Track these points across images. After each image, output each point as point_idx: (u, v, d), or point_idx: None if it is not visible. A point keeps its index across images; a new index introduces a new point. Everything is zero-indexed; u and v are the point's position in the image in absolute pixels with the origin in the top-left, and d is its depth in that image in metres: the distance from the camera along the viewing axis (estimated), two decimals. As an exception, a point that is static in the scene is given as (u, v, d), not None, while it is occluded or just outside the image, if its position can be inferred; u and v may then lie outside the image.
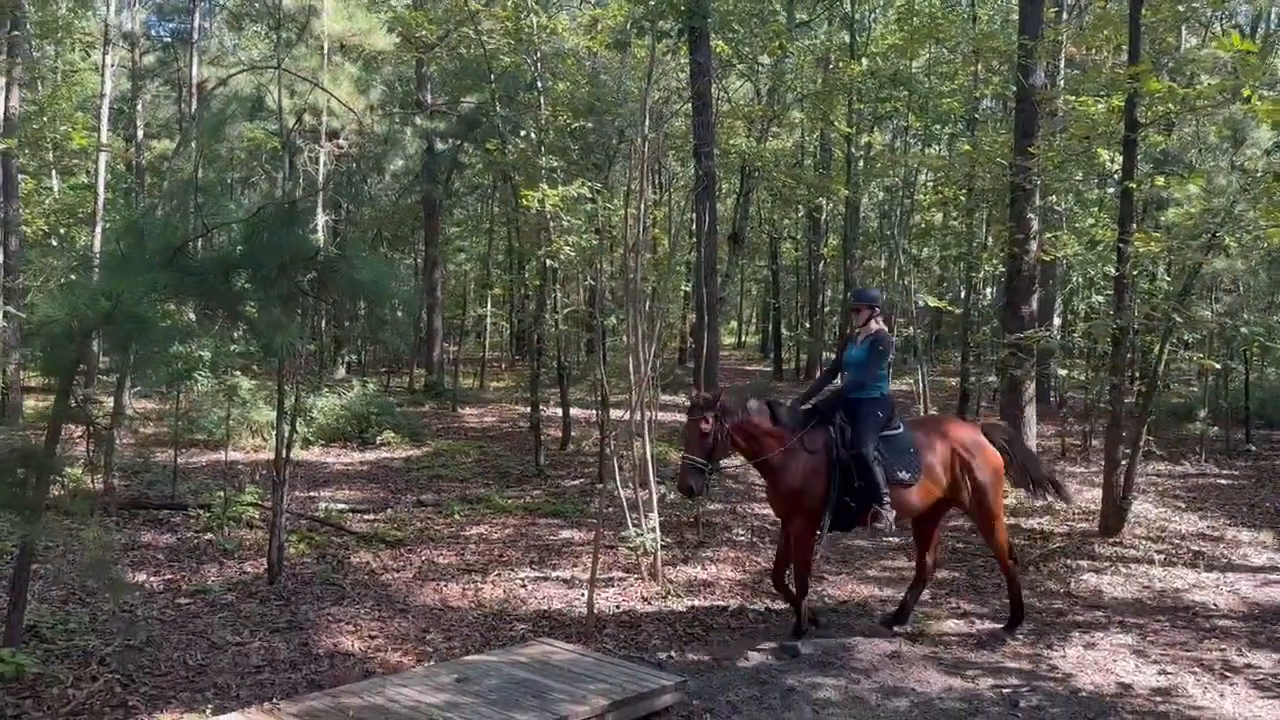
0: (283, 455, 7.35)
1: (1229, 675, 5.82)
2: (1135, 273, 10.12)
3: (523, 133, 14.76)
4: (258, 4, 20.91)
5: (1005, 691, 5.49)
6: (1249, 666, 5.97)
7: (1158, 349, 9.28)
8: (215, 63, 21.60)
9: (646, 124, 8.29)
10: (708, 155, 12.19)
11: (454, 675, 5.17)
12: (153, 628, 6.13)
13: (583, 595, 6.82)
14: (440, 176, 21.06)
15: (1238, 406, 14.98)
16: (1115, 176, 10.96)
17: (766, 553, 8.22)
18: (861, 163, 20.14)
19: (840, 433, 6.21)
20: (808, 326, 25.09)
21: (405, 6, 18.50)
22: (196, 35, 20.49)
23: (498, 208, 23.98)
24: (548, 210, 11.90)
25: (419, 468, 12.26)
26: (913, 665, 5.89)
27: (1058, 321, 16.34)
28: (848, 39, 20.21)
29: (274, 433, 8.89)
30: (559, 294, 14.35)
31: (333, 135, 16.48)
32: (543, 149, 13.03)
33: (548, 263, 12.86)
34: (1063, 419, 14.37)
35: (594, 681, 5.09)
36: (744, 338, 41.74)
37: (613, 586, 7.34)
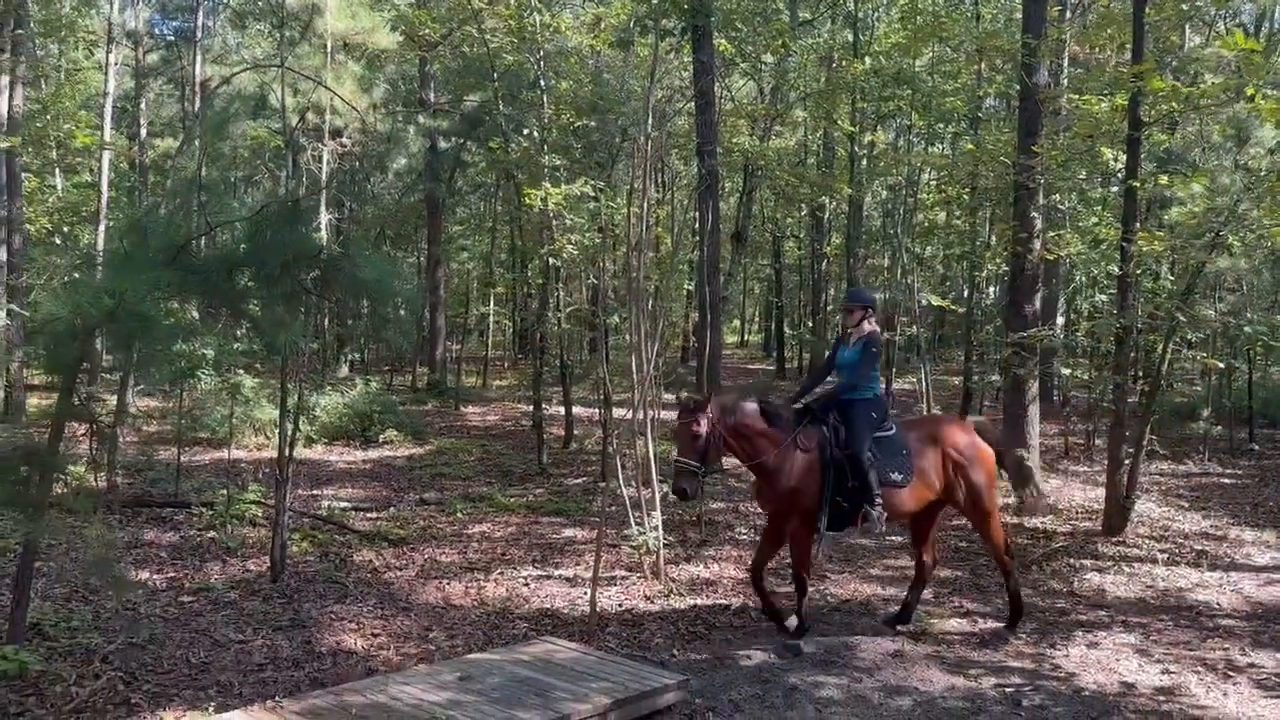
0: (285, 453, 7.35)
1: (1232, 675, 5.81)
2: (1139, 272, 10.11)
3: (526, 131, 14.76)
4: (261, 2, 20.98)
5: (1008, 690, 5.49)
6: (1252, 666, 5.96)
7: (1161, 348, 9.28)
8: (218, 61, 21.58)
9: (649, 123, 8.29)
10: (711, 154, 12.17)
11: (456, 673, 5.17)
12: (155, 625, 6.13)
13: (585, 594, 6.83)
14: (443, 175, 21.09)
15: (1241, 406, 14.98)
16: (1119, 175, 10.96)
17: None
18: (865, 161, 20.10)
19: (834, 433, 6.21)
20: (810, 325, 25.06)
21: (408, 5, 18.49)
22: (200, 34, 20.48)
23: (500, 206, 23.97)
24: (551, 209, 11.91)
25: (421, 466, 12.27)
26: (915, 664, 5.89)
27: (1061, 320, 16.33)
28: (851, 38, 20.16)
29: (277, 431, 8.92)
30: (562, 293, 14.34)
31: (336, 134, 16.48)
32: (545, 147, 13.04)
33: (550, 261, 12.86)
34: (1066, 418, 14.37)
35: (596, 680, 5.09)
36: (747, 336, 41.80)
37: (615, 585, 7.34)
